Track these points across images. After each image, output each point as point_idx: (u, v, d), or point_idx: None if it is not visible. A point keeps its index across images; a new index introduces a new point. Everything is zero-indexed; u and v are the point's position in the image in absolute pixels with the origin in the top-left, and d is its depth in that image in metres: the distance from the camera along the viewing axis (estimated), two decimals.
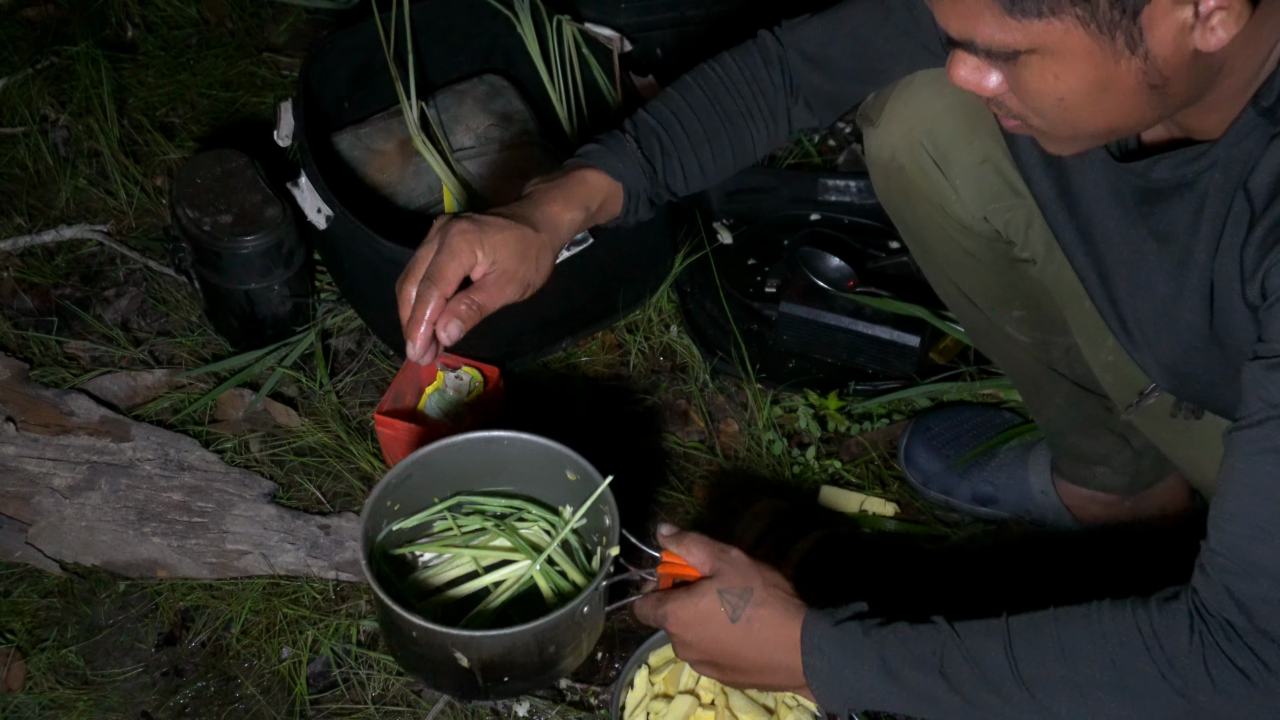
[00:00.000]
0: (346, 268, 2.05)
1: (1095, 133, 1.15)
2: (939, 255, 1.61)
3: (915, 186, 1.54)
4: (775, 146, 1.64)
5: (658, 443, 1.96)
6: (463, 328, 1.44)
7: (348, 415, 1.99)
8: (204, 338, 2.10)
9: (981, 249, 1.55)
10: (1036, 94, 1.11)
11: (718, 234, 2.21)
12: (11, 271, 2.20)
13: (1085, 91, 1.09)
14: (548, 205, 1.46)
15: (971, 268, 1.58)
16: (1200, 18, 1.03)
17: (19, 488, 1.88)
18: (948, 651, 1.25)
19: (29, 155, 2.37)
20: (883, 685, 1.28)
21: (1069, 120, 1.13)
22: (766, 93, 1.53)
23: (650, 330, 2.10)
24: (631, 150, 1.50)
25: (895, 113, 1.52)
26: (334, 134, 2.18)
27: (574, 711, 1.68)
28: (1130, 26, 1.03)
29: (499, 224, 1.43)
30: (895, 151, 1.54)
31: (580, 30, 2.17)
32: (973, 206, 1.51)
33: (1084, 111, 1.11)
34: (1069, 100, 1.10)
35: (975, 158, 1.49)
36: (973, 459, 1.87)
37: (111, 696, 1.71)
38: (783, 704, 1.61)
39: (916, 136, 1.50)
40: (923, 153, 1.51)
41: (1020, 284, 1.56)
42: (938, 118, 1.49)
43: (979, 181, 1.50)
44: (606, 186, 1.50)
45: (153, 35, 2.62)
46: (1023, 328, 1.62)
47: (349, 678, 1.72)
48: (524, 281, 1.46)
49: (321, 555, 1.81)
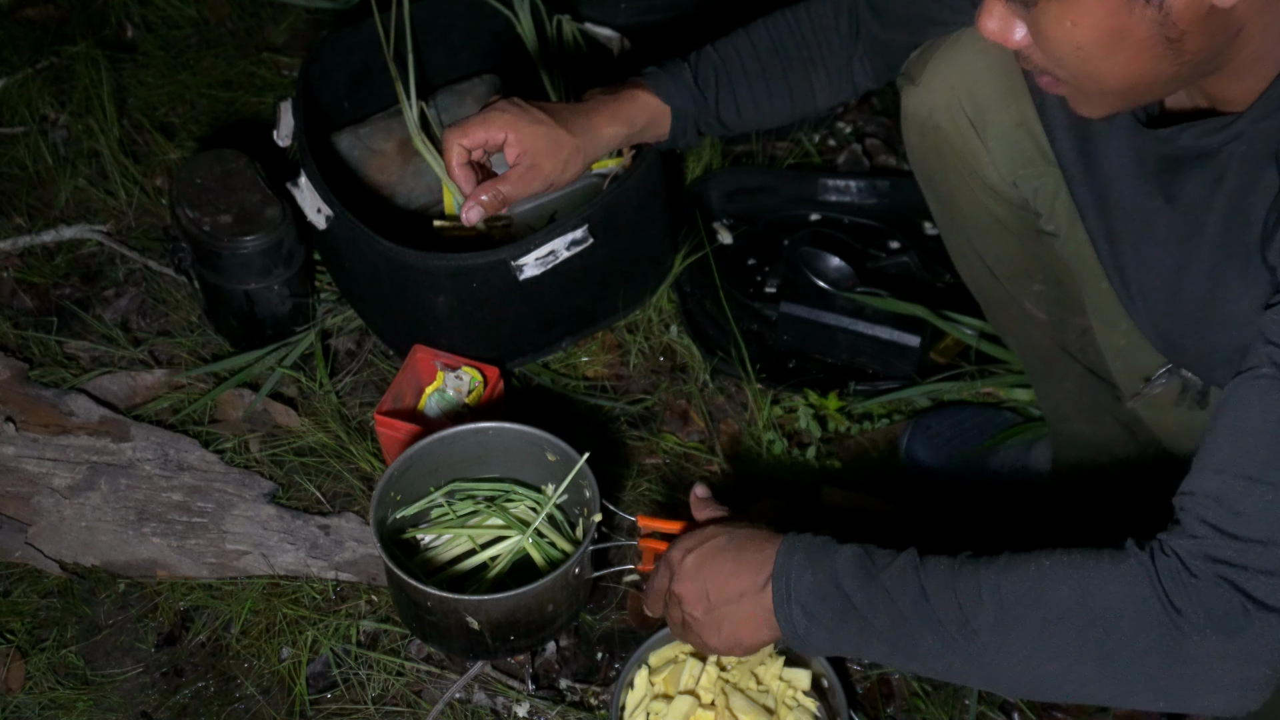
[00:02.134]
0: (346, 268, 2.05)
1: (1117, 89, 1.15)
2: (966, 221, 1.61)
3: (950, 146, 1.54)
4: (840, 100, 1.67)
5: (658, 443, 1.96)
6: (483, 213, 1.60)
7: (348, 415, 1.99)
8: (204, 338, 2.10)
9: (1010, 216, 1.56)
10: (1055, 42, 1.12)
11: (718, 234, 2.21)
12: (11, 271, 2.20)
13: (1101, 40, 1.10)
14: (593, 115, 1.60)
15: (998, 235, 1.59)
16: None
17: (19, 488, 1.88)
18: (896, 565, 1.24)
19: (29, 155, 2.37)
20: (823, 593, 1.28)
21: (1089, 72, 1.14)
22: (832, 42, 1.60)
23: (650, 330, 2.10)
24: (686, 77, 1.62)
25: (938, 71, 1.53)
26: (334, 134, 2.18)
27: (574, 711, 1.68)
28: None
29: (539, 117, 1.57)
30: (934, 110, 1.54)
31: (580, 30, 2.17)
32: (1004, 170, 1.52)
33: (1102, 62, 1.12)
34: (1086, 49, 1.11)
35: (1012, 119, 1.49)
36: (972, 458, 1.87)
37: (111, 696, 1.71)
38: (783, 704, 1.61)
39: (957, 95, 1.51)
40: (961, 113, 1.51)
41: (1043, 257, 1.57)
42: (979, 76, 1.50)
43: (1013, 144, 1.50)
44: (655, 107, 1.62)
45: (153, 35, 2.62)
46: (1041, 304, 1.62)
47: (349, 678, 1.72)
48: (548, 179, 1.59)
49: (321, 555, 1.81)
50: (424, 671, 1.72)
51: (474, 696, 1.70)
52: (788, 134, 2.42)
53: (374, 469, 1.91)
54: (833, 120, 2.44)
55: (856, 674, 1.73)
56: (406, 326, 1.98)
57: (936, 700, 1.69)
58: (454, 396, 1.87)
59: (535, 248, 1.87)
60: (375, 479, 1.89)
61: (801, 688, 1.63)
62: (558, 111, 1.59)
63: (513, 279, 1.88)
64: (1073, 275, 1.54)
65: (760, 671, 1.63)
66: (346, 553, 1.81)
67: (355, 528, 1.84)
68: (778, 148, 2.41)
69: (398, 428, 1.80)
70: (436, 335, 1.93)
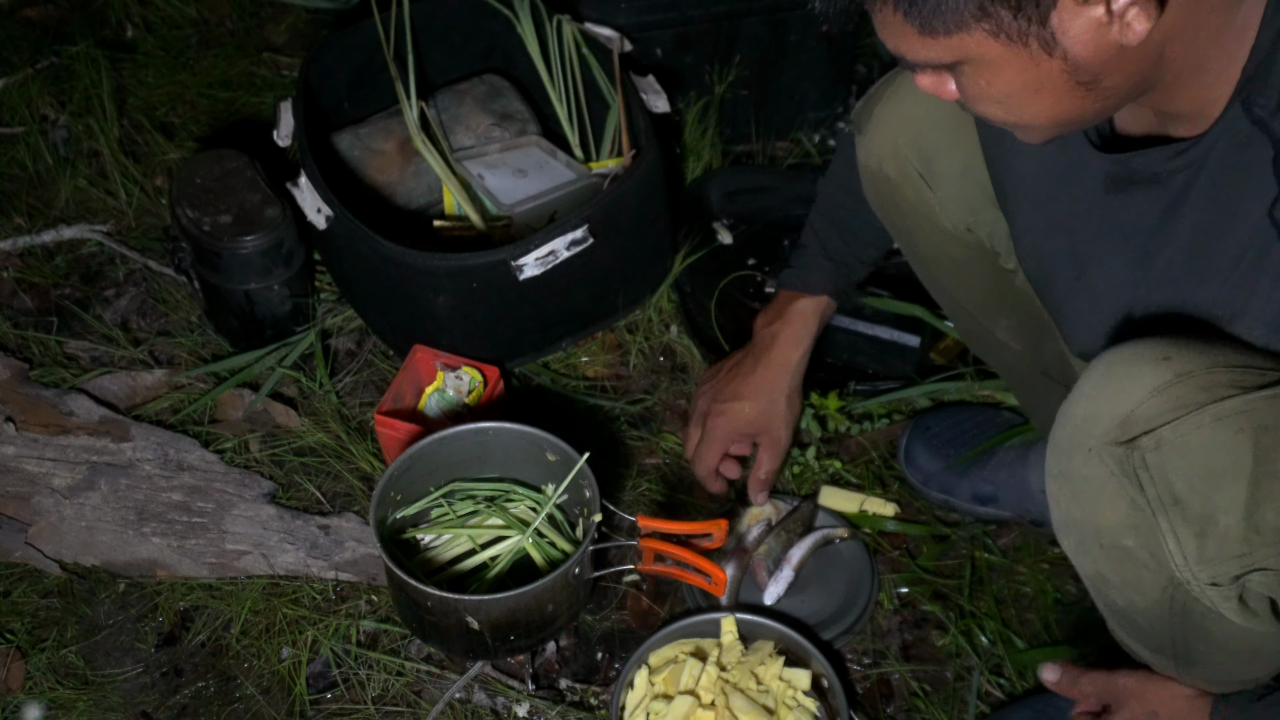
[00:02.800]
0: (346, 268, 2.05)
1: (1048, 125, 1.16)
2: (929, 260, 1.65)
3: (902, 195, 1.57)
4: None
5: (658, 443, 1.96)
6: (767, 493, 1.82)
7: (348, 415, 1.99)
8: (204, 338, 2.10)
9: (969, 257, 1.58)
10: (978, 98, 1.14)
11: (718, 234, 2.21)
12: (11, 271, 2.20)
13: (1019, 93, 1.11)
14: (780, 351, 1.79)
15: (961, 275, 1.61)
16: (1115, 14, 1.04)
17: (19, 488, 1.88)
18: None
19: (29, 155, 2.37)
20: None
21: (1016, 118, 1.16)
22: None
23: (650, 330, 2.10)
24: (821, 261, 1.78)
25: (881, 121, 1.56)
26: (334, 134, 2.18)
27: (574, 711, 1.68)
28: (1040, 31, 1.05)
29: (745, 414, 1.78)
30: (881, 161, 1.57)
31: (580, 30, 2.17)
32: (956, 217, 1.55)
33: (1026, 110, 1.14)
34: (1008, 102, 1.13)
35: (957, 168, 1.51)
36: (972, 458, 1.87)
37: (111, 696, 1.71)
38: (783, 704, 1.61)
39: (901, 146, 1.54)
40: (908, 163, 1.54)
41: (1008, 293, 1.59)
42: (921, 127, 1.52)
43: (962, 192, 1.53)
44: (819, 305, 1.79)
45: (153, 35, 2.63)
46: (1013, 335, 1.64)
47: (349, 678, 1.72)
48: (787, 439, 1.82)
49: (321, 555, 1.81)
50: (424, 671, 1.72)
51: (474, 696, 1.70)
52: (788, 134, 2.42)
53: (374, 469, 1.91)
54: (833, 120, 2.44)
55: (856, 674, 1.73)
56: (406, 326, 1.98)
57: (936, 700, 1.69)
58: (454, 396, 1.87)
59: (535, 248, 1.87)
60: (375, 479, 1.89)
61: (801, 688, 1.63)
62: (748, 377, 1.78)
63: (513, 279, 1.88)
64: (1039, 307, 1.54)
65: (760, 671, 1.63)
66: (346, 553, 1.81)
67: (355, 528, 1.84)
68: (778, 148, 2.41)
69: (398, 428, 1.80)
70: (436, 335, 1.93)
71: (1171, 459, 1.13)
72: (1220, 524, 1.14)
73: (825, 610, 1.77)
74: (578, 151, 2.21)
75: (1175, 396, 1.13)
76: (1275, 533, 1.14)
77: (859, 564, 1.81)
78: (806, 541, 1.80)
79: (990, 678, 1.71)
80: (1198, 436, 1.12)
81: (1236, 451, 1.12)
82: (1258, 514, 1.13)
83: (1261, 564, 1.15)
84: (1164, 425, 1.13)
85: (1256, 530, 1.13)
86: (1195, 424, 1.12)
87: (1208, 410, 1.12)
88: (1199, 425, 1.12)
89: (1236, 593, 1.17)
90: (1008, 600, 1.78)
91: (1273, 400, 1.12)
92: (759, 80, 2.34)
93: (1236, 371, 1.14)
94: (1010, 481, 1.84)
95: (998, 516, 1.86)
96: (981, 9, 1.05)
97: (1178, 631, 1.30)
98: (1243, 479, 1.12)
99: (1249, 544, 1.14)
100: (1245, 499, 1.12)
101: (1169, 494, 1.14)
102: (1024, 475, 1.84)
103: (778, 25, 2.28)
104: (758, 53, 2.31)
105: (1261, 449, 1.11)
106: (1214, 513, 1.14)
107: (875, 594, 1.78)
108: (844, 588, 1.79)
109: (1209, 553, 1.15)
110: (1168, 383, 1.13)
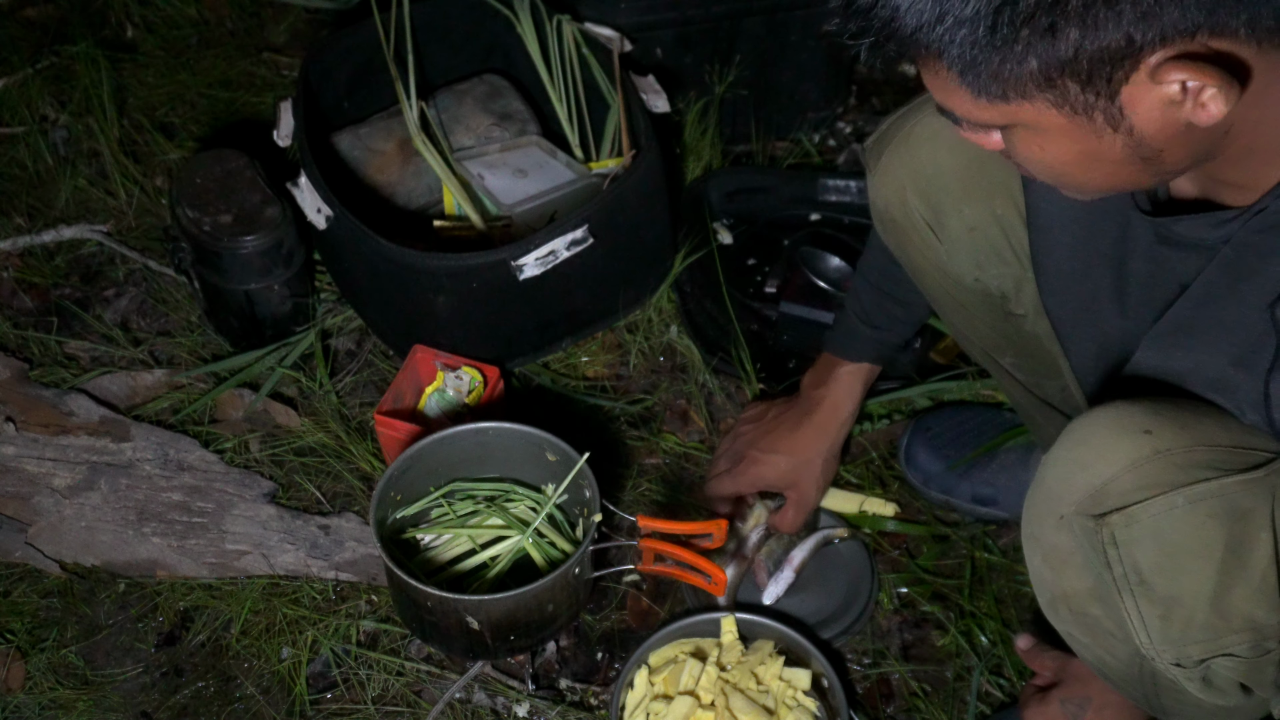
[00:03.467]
0: (346, 268, 2.05)
1: (1098, 191, 1.13)
2: (935, 299, 1.63)
3: (909, 238, 1.55)
4: None
5: (658, 443, 1.96)
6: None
7: (348, 415, 1.99)
8: (204, 338, 2.10)
9: (975, 303, 1.57)
10: (1027, 160, 1.10)
11: (718, 234, 2.21)
12: (11, 271, 2.20)
13: (1075, 161, 1.07)
14: (825, 414, 1.77)
15: (966, 317, 1.60)
16: (1189, 93, 0.99)
17: (19, 488, 1.88)
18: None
19: (29, 155, 2.37)
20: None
21: (1066, 182, 1.12)
22: None
23: (650, 330, 2.10)
24: (862, 330, 1.75)
25: (891, 166, 1.53)
26: (334, 134, 2.18)
27: (574, 711, 1.68)
28: (1109, 106, 1.01)
29: (779, 469, 1.76)
30: (889, 204, 1.55)
31: (580, 30, 2.17)
32: (964, 269, 1.52)
33: (1078, 177, 1.10)
34: (1059, 168, 1.09)
35: (965, 225, 1.49)
36: (973, 459, 1.87)
37: (111, 696, 1.71)
38: (783, 704, 1.61)
39: (909, 197, 1.51)
40: (915, 212, 1.52)
41: (1013, 335, 1.58)
42: (931, 181, 1.49)
43: (970, 248, 1.50)
44: (862, 371, 1.78)
45: (153, 35, 2.62)
46: (1017, 369, 1.64)
47: (349, 678, 1.72)
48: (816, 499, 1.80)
49: (321, 555, 1.81)
50: (424, 671, 1.72)
51: (474, 696, 1.70)
52: (788, 134, 2.42)
53: (374, 469, 1.91)
54: (833, 120, 2.44)
55: (856, 674, 1.73)
56: (406, 326, 1.98)
57: (936, 700, 1.69)
58: (454, 396, 1.87)
59: (535, 248, 1.87)
60: (375, 479, 1.89)
61: (801, 688, 1.63)
62: (790, 433, 1.77)
63: (513, 279, 1.88)
64: (1045, 349, 1.54)
65: (760, 671, 1.63)
66: (346, 553, 1.81)
67: (355, 528, 1.84)
68: (778, 148, 2.41)
69: (398, 428, 1.80)
70: (436, 335, 1.93)
71: (1141, 538, 1.12)
72: (1186, 607, 1.12)
73: (825, 610, 1.77)
74: (578, 151, 2.21)
75: (1151, 474, 1.11)
76: (1243, 620, 1.13)
77: (859, 564, 1.81)
78: (808, 543, 1.80)
79: (990, 678, 1.71)
80: (1169, 518, 1.10)
81: (1207, 536, 1.10)
82: (1225, 600, 1.11)
83: (1228, 649, 1.14)
84: (1136, 504, 1.11)
85: (1223, 617, 1.12)
86: (1168, 505, 1.10)
87: (1182, 492, 1.10)
88: (1171, 506, 1.10)
89: (1200, 675, 1.16)
90: (1008, 600, 1.79)
91: (1249, 485, 1.10)
92: (759, 80, 2.34)
93: (1218, 451, 1.12)
94: (1010, 483, 1.85)
95: (997, 517, 1.86)
96: (1048, 79, 1.00)
97: (1149, 689, 1.30)
98: (1212, 564, 1.10)
99: (1214, 630, 1.13)
100: (1213, 585, 1.11)
101: (1135, 573, 1.13)
102: (1024, 476, 1.84)
103: (778, 25, 2.28)
104: (758, 53, 2.31)
105: (1233, 535, 1.10)
106: (1180, 596, 1.12)
107: (875, 594, 1.78)
108: (844, 588, 1.79)
109: (1173, 635, 1.15)
110: (1145, 458, 1.11)
